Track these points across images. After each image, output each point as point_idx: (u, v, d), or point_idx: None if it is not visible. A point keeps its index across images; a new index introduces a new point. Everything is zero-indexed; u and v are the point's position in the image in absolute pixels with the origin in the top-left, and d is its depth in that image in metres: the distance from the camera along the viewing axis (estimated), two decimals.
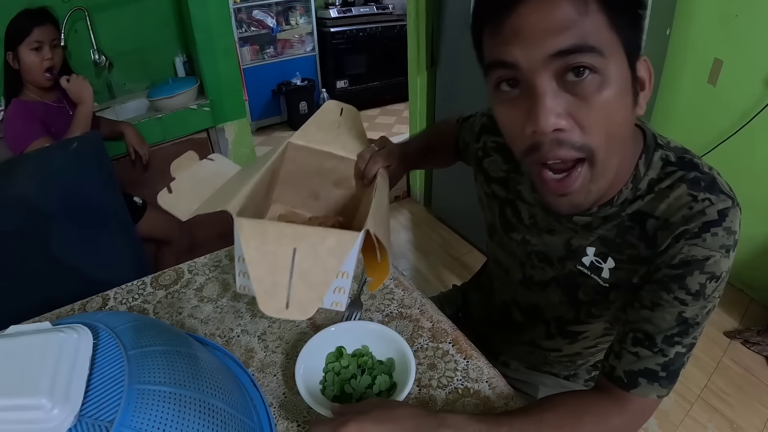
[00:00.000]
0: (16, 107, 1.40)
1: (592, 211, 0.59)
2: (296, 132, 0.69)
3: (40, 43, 1.37)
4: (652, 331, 0.54)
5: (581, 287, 0.65)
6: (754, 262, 1.82)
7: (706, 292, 0.52)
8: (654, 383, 0.54)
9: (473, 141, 0.76)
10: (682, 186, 0.54)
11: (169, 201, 0.59)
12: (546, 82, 0.45)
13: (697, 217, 0.52)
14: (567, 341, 0.75)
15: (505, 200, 0.71)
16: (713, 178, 0.55)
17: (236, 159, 2.07)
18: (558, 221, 0.63)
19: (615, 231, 0.59)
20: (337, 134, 0.71)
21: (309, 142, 0.68)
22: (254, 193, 0.57)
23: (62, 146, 1.22)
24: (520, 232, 0.70)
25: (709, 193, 0.53)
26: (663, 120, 1.96)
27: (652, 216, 0.56)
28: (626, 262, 0.60)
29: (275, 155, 0.64)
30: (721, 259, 0.52)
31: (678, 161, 0.56)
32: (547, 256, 0.67)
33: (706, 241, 0.52)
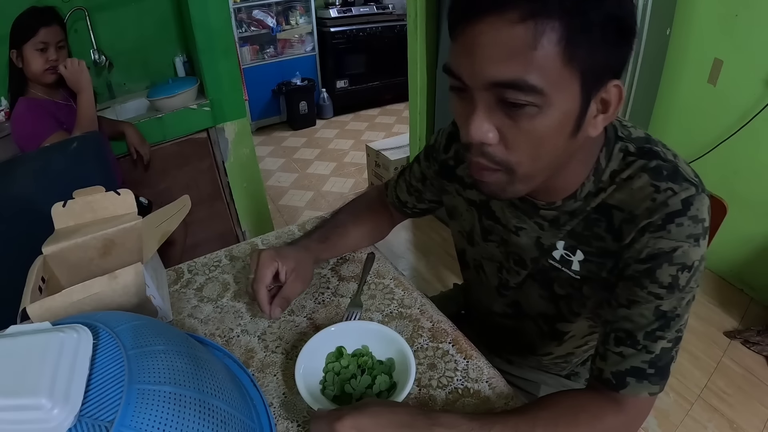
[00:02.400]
0: (25, 104, 1.39)
1: (557, 205, 0.59)
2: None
3: (46, 45, 1.36)
4: (632, 329, 0.54)
5: (555, 281, 0.66)
6: (754, 262, 1.82)
7: (680, 284, 0.52)
8: (643, 381, 0.54)
9: (442, 153, 0.75)
10: (644, 176, 0.54)
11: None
12: (483, 99, 0.47)
13: (660, 208, 0.52)
14: (555, 343, 0.75)
15: (481, 204, 0.71)
16: (675, 166, 0.54)
17: (236, 159, 2.07)
18: (527, 215, 0.64)
19: (583, 224, 0.59)
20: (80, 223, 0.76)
21: (60, 243, 0.71)
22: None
23: (62, 146, 1.21)
24: (498, 233, 0.70)
25: (672, 182, 0.52)
26: (663, 120, 1.96)
27: (617, 208, 0.56)
28: (595, 255, 0.60)
29: (35, 271, 0.66)
30: (690, 248, 0.51)
31: (638, 151, 0.56)
32: (521, 257, 0.68)
33: (671, 232, 0.51)
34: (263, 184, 2.29)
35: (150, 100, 1.87)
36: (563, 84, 0.44)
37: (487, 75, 0.44)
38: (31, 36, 1.34)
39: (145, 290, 0.65)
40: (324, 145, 3.61)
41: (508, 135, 0.48)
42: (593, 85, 0.46)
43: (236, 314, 0.76)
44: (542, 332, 0.75)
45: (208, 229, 2.13)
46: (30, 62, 1.36)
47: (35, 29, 1.34)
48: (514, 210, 0.65)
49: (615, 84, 0.48)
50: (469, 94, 0.47)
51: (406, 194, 0.85)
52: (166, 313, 0.74)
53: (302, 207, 2.81)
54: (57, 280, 0.70)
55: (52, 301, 0.58)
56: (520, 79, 0.43)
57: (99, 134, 1.36)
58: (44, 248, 0.69)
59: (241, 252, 0.90)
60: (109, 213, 0.76)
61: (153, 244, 0.70)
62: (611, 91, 0.48)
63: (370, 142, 2.88)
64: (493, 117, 0.47)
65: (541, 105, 0.45)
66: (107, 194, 0.75)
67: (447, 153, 0.75)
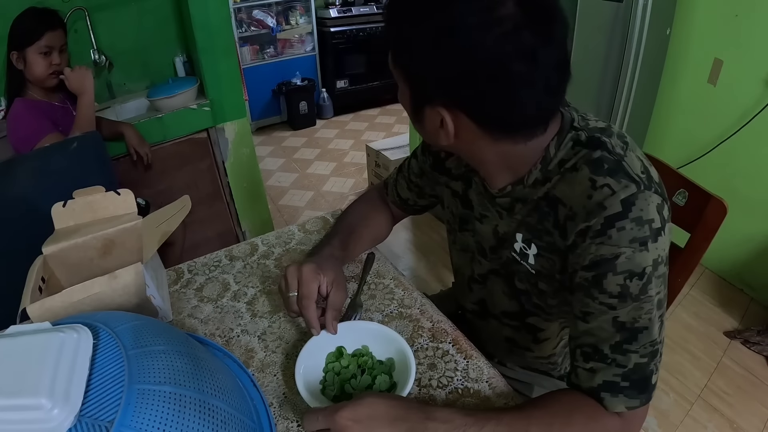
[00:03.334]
0: (23, 105, 1.39)
1: (507, 191, 0.60)
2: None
3: (50, 49, 1.36)
4: (595, 343, 0.53)
5: (516, 275, 0.66)
6: (754, 262, 1.82)
7: (632, 292, 0.49)
8: (618, 395, 0.52)
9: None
10: (584, 169, 0.52)
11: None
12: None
13: (597, 211, 0.49)
14: (531, 338, 0.75)
15: (462, 194, 0.72)
16: (619, 160, 0.51)
17: (236, 159, 2.07)
18: (490, 203, 0.65)
19: (536, 216, 0.59)
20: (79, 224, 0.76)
21: (60, 243, 0.71)
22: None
23: (62, 146, 1.21)
24: (471, 222, 0.71)
25: (611, 178, 0.49)
26: (663, 120, 1.96)
27: (561, 202, 0.55)
28: (546, 250, 0.59)
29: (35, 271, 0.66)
30: (636, 254, 0.48)
31: (587, 140, 0.53)
32: (482, 246, 0.69)
33: (612, 237, 0.48)
34: (263, 184, 2.29)
35: (150, 100, 1.87)
36: (398, 75, 0.57)
37: None
38: (35, 40, 1.34)
39: (145, 290, 0.66)
40: (324, 145, 3.60)
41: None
42: (417, 92, 0.54)
43: (236, 314, 0.76)
44: (513, 328, 0.76)
45: (208, 229, 2.13)
46: (33, 66, 1.36)
47: (40, 34, 1.34)
48: (480, 197, 0.67)
49: (444, 110, 0.51)
50: None
51: (406, 191, 0.85)
52: (166, 313, 0.74)
53: (302, 207, 2.81)
54: (57, 280, 0.70)
55: (52, 301, 0.59)
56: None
57: (98, 134, 1.36)
58: (44, 248, 0.69)
59: (241, 252, 0.90)
60: (109, 213, 0.76)
61: (153, 244, 0.70)
62: (444, 114, 0.52)
63: (370, 142, 2.88)
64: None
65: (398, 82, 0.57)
66: (107, 194, 0.75)
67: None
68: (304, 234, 0.94)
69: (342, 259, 0.75)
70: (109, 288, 0.62)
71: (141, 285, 0.64)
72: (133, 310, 0.65)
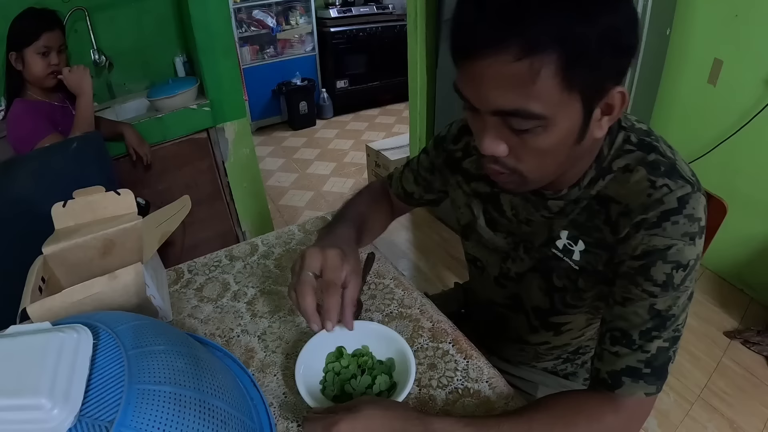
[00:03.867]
0: (22, 105, 1.39)
1: (563, 194, 0.61)
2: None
3: (48, 49, 1.36)
4: (626, 328, 0.54)
5: (555, 271, 0.66)
6: (754, 262, 1.82)
7: (675, 282, 0.52)
8: (639, 381, 0.54)
9: (450, 143, 0.76)
10: (641, 170, 0.54)
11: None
12: (492, 120, 0.50)
13: (655, 205, 0.52)
14: (551, 333, 0.75)
15: (489, 195, 0.72)
16: (673, 163, 0.54)
17: (236, 159, 2.07)
18: (535, 207, 0.65)
19: (585, 214, 0.60)
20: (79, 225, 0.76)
21: (60, 243, 0.71)
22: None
23: (62, 146, 1.22)
24: (505, 225, 0.71)
25: (668, 179, 0.53)
26: (663, 120, 1.96)
27: (614, 200, 0.57)
28: (593, 246, 0.60)
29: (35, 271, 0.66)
30: (685, 247, 0.51)
31: (638, 142, 0.57)
32: (532, 243, 0.68)
33: (666, 230, 0.52)
34: (263, 184, 2.29)
35: (150, 100, 1.87)
36: (564, 105, 0.46)
37: (491, 104, 0.48)
38: (33, 40, 1.34)
39: (145, 290, 0.66)
40: (324, 145, 3.61)
41: (516, 149, 0.51)
42: (595, 98, 0.48)
43: (236, 314, 0.76)
44: (533, 326, 0.76)
45: (208, 229, 2.13)
46: (32, 66, 1.36)
47: (38, 34, 1.34)
48: (524, 202, 0.66)
49: (619, 90, 0.48)
50: (479, 113, 0.50)
51: (413, 185, 0.85)
52: (166, 313, 0.74)
53: (302, 207, 2.81)
54: (57, 280, 0.70)
55: (52, 301, 0.59)
56: (522, 109, 0.46)
57: (99, 134, 1.36)
58: (44, 248, 0.69)
59: (241, 252, 0.90)
60: (109, 213, 0.76)
61: (153, 244, 0.70)
62: (615, 96, 0.49)
63: (370, 142, 2.88)
64: (502, 134, 0.50)
65: (545, 125, 0.47)
66: (107, 194, 0.75)
67: (456, 144, 0.76)
68: (304, 234, 0.94)
69: (358, 246, 0.72)
70: (109, 288, 0.62)
71: (141, 285, 0.64)
72: (133, 310, 0.65)
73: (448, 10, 1.96)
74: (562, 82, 0.44)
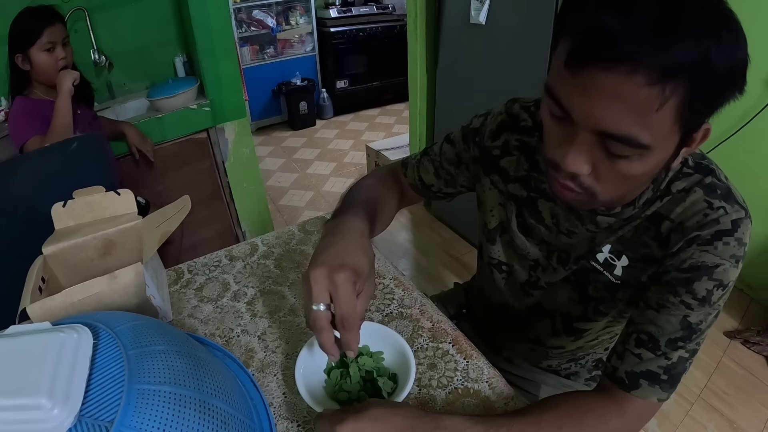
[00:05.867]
0: (21, 104, 1.40)
1: (615, 211, 0.59)
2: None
3: (53, 44, 1.36)
4: (656, 333, 0.55)
5: (592, 283, 0.65)
6: (754, 262, 1.82)
7: (712, 299, 0.53)
8: (655, 386, 0.54)
9: (488, 140, 0.71)
10: (698, 191, 0.55)
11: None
12: (587, 137, 0.46)
13: (711, 224, 0.53)
14: (571, 338, 0.75)
15: (525, 200, 0.69)
16: (729, 188, 0.55)
17: (236, 159, 2.07)
18: (580, 221, 0.63)
19: (632, 231, 0.60)
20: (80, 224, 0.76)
21: (60, 243, 0.70)
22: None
23: (62, 146, 1.21)
24: (540, 232, 0.68)
25: (725, 202, 0.54)
26: None
27: (667, 218, 0.57)
28: (639, 261, 0.60)
29: (36, 270, 0.65)
30: (730, 268, 0.53)
31: (695, 165, 0.57)
32: (569, 254, 0.66)
33: (717, 248, 0.52)
34: (263, 184, 2.29)
35: (150, 100, 1.87)
36: (668, 137, 0.45)
37: (599, 124, 0.43)
38: (36, 38, 1.33)
39: (145, 290, 0.66)
40: (324, 145, 3.61)
41: (601, 170, 0.48)
42: (692, 133, 0.47)
43: (236, 314, 0.76)
44: (556, 329, 0.75)
45: (208, 229, 2.13)
46: (40, 65, 1.36)
47: (39, 31, 1.33)
48: (568, 213, 0.64)
49: (707, 126, 0.48)
50: (573, 126, 0.46)
51: (432, 177, 0.79)
52: (166, 313, 0.74)
53: (302, 207, 2.81)
54: (57, 280, 0.70)
55: (52, 301, 0.58)
56: (633, 137, 0.43)
57: (99, 134, 1.37)
58: (44, 248, 0.69)
59: (241, 252, 0.90)
60: (109, 213, 0.76)
61: (153, 245, 0.70)
62: (701, 132, 0.48)
63: (370, 142, 2.88)
64: (592, 153, 0.47)
65: (642, 154, 0.45)
66: (107, 194, 0.75)
67: (494, 141, 0.71)
68: (304, 234, 0.94)
69: (371, 237, 0.63)
70: (109, 288, 0.62)
71: (141, 285, 0.64)
72: (133, 310, 0.65)
73: (449, 10, 1.96)
74: (677, 114, 0.42)
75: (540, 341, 0.80)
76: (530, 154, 0.68)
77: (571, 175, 0.49)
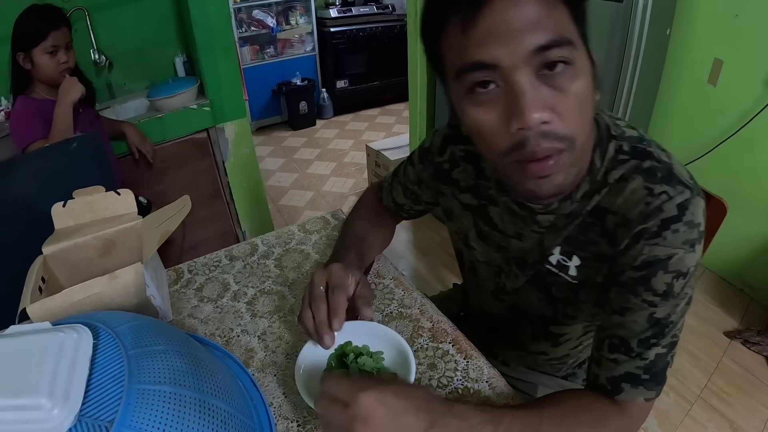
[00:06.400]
0: (24, 103, 1.39)
1: (554, 208, 0.59)
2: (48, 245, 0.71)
3: (56, 47, 1.36)
4: (625, 336, 0.54)
5: (553, 285, 0.66)
6: (754, 262, 1.82)
7: (675, 291, 0.51)
8: (638, 386, 0.53)
9: (437, 156, 0.73)
10: (637, 178, 0.53)
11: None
12: (527, 77, 0.45)
13: (655, 213, 0.51)
14: (550, 344, 0.75)
15: (477, 208, 0.70)
16: (670, 168, 0.53)
17: (236, 159, 2.07)
18: (524, 222, 0.63)
19: (578, 229, 0.59)
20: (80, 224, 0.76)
21: (60, 243, 0.71)
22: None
23: (62, 146, 1.21)
24: (495, 239, 0.69)
25: (667, 185, 0.51)
26: (663, 120, 1.96)
27: (610, 211, 0.55)
28: (591, 260, 0.59)
29: (35, 270, 0.66)
30: (686, 255, 0.51)
31: (631, 150, 0.55)
32: (524, 260, 0.67)
33: (667, 239, 0.50)
34: (263, 184, 2.29)
35: (150, 100, 1.87)
36: (576, 40, 0.46)
37: (527, 44, 0.44)
38: (40, 40, 1.33)
39: (145, 290, 0.66)
40: (324, 145, 3.61)
41: (559, 106, 0.46)
42: (586, 43, 0.49)
43: (236, 314, 0.76)
44: (535, 334, 0.75)
45: (208, 229, 2.13)
46: (42, 67, 1.36)
47: (45, 34, 1.33)
48: (512, 217, 0.65)
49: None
50: (506, 80, 0.45)
51: (402, 197, 0.83)
52: (166, 313, 0.74)
53: (302, 207, 2.81)
54: (57, 280, 0.70)
55: (52, 301, 0.58)
56: (558, 36, 0.44)
57: (99, 134, 1.36)
58: (44, 248, 0.69)
59: (241, 252, 0.90)
60: (109, 213, 0.76)
61: (153, 244, 0.70)
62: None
63: (370, 142, 2.88)
64: (540, 92, 0.45)
65: (574, 61, 0.46)
66: (107, 194, 0.75)
67: (442, 156, 0.73)
68: (304, 234, 0.94)
69: (361, 268, 0.72)
70: (109, 288, 0.62)
71: (141, 285, 0.64)
72: (133, 310, 0.65)
73: None
74: (571, 13, 0.46)
75: (524, 347, 0.80)
76: (476, 162, 0.69)
77: (541, 134, 0.46)
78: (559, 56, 0.45)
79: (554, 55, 0.45)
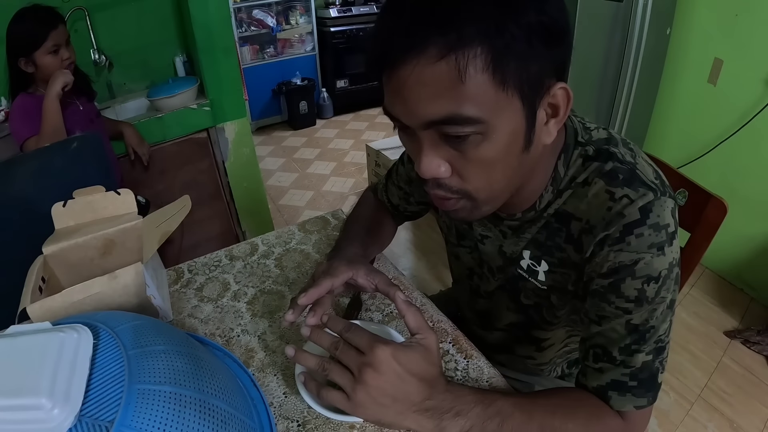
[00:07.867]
0: (23, 100, 1.40)
1: (518, 217, 0.59)
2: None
3: (58, 46, 1.36)
4: (606, 344, 0.53)
5: (522, 291, 0.66)
6: (754, 262, 1.82)
7: (648, 296, 0.50)
8: (626, 394, 0.52)
9: None
10: (599, 182, 0.52)
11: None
12: (427, 137, 0.46)
13: (617, 219, 0.49)
14: (534, 348, 0.76)
15: None
16: (633, 169, 0.51)
17: (236, 159, 2.07)
18: (492, 223, 0.64)
19: (545, 233, 0.58)
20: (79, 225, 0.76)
21: (60, 243, 0.70)
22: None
23: (62, 146, 1.21)
24: (471, 239, 0.70)
25: (628, 188, 0.49)
26: (663, 120, 1.96)
27: (574, 217, 0.54)
28: (558, 266, 0.59)
29: (36, 270, 0.65)
30: (654, 259, 0.49)
31: (595, 153, 0.53)
32: (488, 264, 0.68)
33: (631, 244, 0.49)
34: (263, 184, 2.29)
35: (150, 100, 1.87)
36: (502, 106, 0.43)
37: (421, 116, 0.44)
38: (42, 43, 1.33)
39: (145, 290, 0.66)
40: (324, 145, 3.61)
41: (458, 166, 0.47)
42: (535, 96, 0.44)
43: (236, 314, 0.76)
44: (517, 338, 0.76)
45: (208, 229, 2.13)
46: (47, 66, 1.36)
47: (44, 35, 1.33)
48: (481, 219, 0.65)
49: (560, 87, 0.45)
50: (412, 132, 0.47)
51: (396, 197, 0.84)
52: (166, 313, 0.74)
53: (302, 207, 2.81)
54: (57, 280, 0.70)
55: (52, 301, 0.58)
56: (455, 114, 0.42)
57: (99, 134, 1.36)
58: (44, 248, 0.69)
59: (241, 252, 0.90)
60: (109, 213, 0.76)
61: (153, 244, 0.70)
62: (558, 94, 0.46)
63: (370, 142, 2.88)
64: (441, 151, 0.46)
65: (484, 132, 0.43)
66: (107, 194, 0.75)
67: None
68: (304, 234, 0.94)
69: (365, 259, 0.71)
70: (109, 288, 0.62)
71: (141, 285, 0.64)
72: (133, 310, 0.65)
73: None
74: (494, 79, 0.41)
75: (511, 350, 0.80)
76: None
77: (436, 182, 0.49)
78: (455, 132, 0.43)
79: (447, 131, 0.44)
